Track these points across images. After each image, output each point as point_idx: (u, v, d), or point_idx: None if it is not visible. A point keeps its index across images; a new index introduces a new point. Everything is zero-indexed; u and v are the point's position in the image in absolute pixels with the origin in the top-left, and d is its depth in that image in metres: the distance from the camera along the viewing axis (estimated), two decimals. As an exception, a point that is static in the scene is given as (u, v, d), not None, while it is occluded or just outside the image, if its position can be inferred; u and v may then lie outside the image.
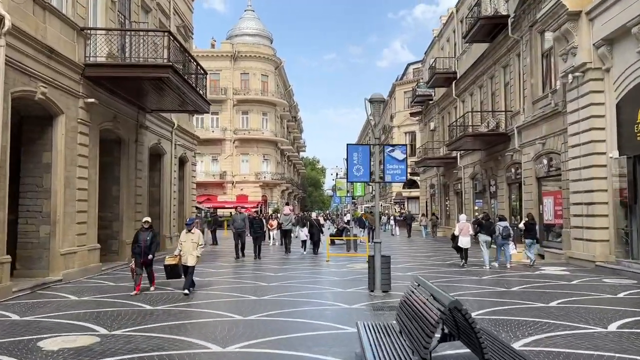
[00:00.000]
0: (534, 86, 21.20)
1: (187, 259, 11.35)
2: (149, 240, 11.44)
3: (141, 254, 11.36)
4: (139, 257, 11.36)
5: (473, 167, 29.28)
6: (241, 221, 18.21)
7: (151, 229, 11.74)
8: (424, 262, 18.45)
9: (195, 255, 11.39)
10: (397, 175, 11.66)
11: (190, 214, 24.71)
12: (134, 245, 11.52)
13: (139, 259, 11.37)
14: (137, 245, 11.44)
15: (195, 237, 11.50)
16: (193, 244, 11.41)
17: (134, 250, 11.52)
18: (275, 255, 21.39)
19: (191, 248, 11.38)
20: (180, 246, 11.57)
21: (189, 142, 24.57)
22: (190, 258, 11.34)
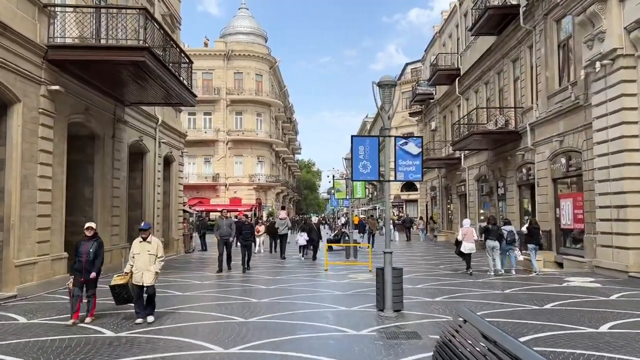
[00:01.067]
0: (549, 79, 19.39)
1: (143, 276, 8.73)
2: (93, 253, 8.78)
3: (82, 270, 8.72)
4: (79, 275, 8.74)
5: (479, 168, 27.45)
6: (227, 227, 15.56)
7: (96, 238, 9.04)
8: (432, 270, 16.56)
9: (153, 272, 8.78)
10: (410, 173, 9.78)
11: (177, 217, 22.77)
12: (74, 260, 8.96)
13: (78, 277, 8.74)
14: (77, 260, 8.80)
15: (153, 247, 8.87)
16: (150, 257, 8.77)
17: (73, 266, 8.97)
18: (266, 263, 19.44)
19: (147, 262, 8.76)
20: (132, 260, 8.89)
21: (175, 140, 22.62)
22: (147, 275, 8.73)
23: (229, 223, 15.87)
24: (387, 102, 9.72)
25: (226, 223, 15.79)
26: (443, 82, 32.77)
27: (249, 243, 16.03)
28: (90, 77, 13.80)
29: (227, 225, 15.68)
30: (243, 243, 15.85)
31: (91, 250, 8.80)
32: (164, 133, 20.96)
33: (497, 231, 15.43)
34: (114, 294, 8.87)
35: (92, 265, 8.76)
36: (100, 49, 12.31)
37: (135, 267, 8.80)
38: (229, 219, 16.34)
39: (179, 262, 19.92)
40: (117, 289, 8.81)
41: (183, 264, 19.27)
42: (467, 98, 30.06)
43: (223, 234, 15.66)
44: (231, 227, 15.76)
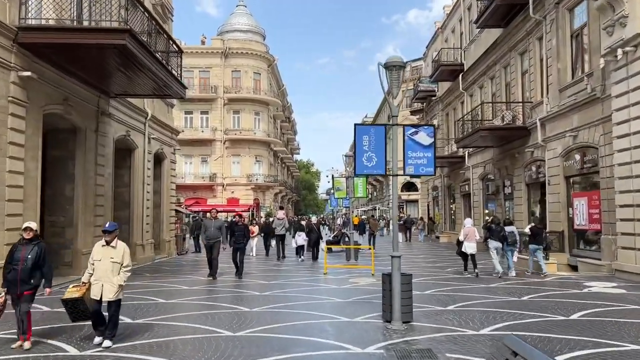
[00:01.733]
0: (561, 71, 18.21)
1: (103, 289, 7.02)
2: (31, 260, 6.90)
3: (16, 281, 6.86)
4: (14, 287, 6.89)
5: (484, 166, 26.27)
6: (215, 230, 13.67)
7: (37, 241, 7.13)
8: (438, 274, 15.35)
9: (116, 285, 7.09)
10: (421, 166, 8.58)
11: (169, 218, 21.55)
12: (7, 267, 7.03)
13: (13, 290, 6.90)
14: (11, 268, 6.91)
15: (118, 253, 7.20)
16: (113, 265, 7.11)
17: (6, 275, 7.04)
18: (260, 266, 18.23)
19: (109, 271, 7.06)
20: (92, 267, 7.20)
21: (167, 136, 21.41)
22: (108, 289, 7.03)
23: (218, 225, 13.90)
24: (395, 87, 8.53)
25: (215, 225, 13.84)
26: (446, 79, 31.60)
27: (241, 246, 13.98)
28: (69, 63, 12.60)
29: (216, 228, 13.76)
30: (235, 246, 13.97)
31: (29, 257, 6.90)
32: (154, 128, 19.75)
33: (499, 232, 14.76)
34: (67, 310, 7.33)
35: (29, 275, 6.94)
36: (75, 30, 11.12)
37: (95, 277, 7.10)
38: (218, 220, 14.28)
39: (169, 264, 18.71)
40: (71, 303, 7.19)
41: (173, 266, 18.07)
42: (471, 94, 28.89)
43: (210, 237, 13.73)
44: (220, 230, 13.86)
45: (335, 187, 20.04)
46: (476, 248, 15.07)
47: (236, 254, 14.08)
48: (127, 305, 10.02)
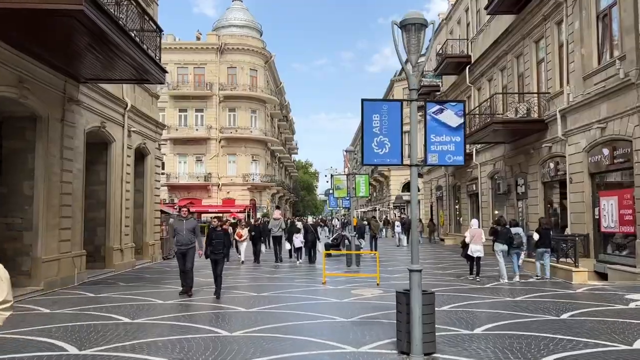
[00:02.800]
0: (585, 57, 16.27)
1: None
2: None
3: None
4: None
5: (493, 164, 24.32)
6: (188, 233, 11.10)
7: None
8: (453, 283, 13.39)
9: None
10: (448, 154, 6.63)
11: (153, 219, 19.55)
12: None
13: None
14: None
15: None
16: None
17: None
18: (249, 274, 16.27)
19: None
20: None
21: (150, 130, 19.41)
22: None
23: (191, 226, 11.24)
24: (414, 52, 6.56)
25: (187, 226, 11.20)
26: (451, 72, 29.66)
27: (219, 257, 11.14)
28: (25, 39, 10.61)
29: (188, 230, 11.18)
30: (212, 257, 11.10)
31: None
32: (136, 121, 17.75)
33: (506, 234, 13.89)
34: None
35: None
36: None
37: None
38: (190, 221, 11.48)
39: (151, 271, 16.71)
40: None
41: (154, 273, 16.06)
42: (478, 88, 26.94)
43: (181, 242, 11.18)
44: (194, 232, 11.21)
45: (334, 185, 18.09)
46: (483, 251, 14.10)
47: (215, 267, 11.28)
48: (81, 327, 8.05)
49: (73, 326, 8.26)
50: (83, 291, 12.22)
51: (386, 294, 11.52)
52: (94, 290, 12.28)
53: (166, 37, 50.24)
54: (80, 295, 11.60)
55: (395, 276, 15.04)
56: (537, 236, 14.08)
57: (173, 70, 48.10)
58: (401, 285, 12.75)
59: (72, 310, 9.84)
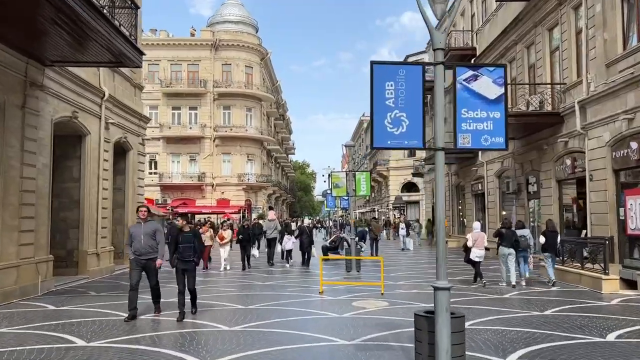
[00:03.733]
0: (608, 42, 14.70)
1: None
2: None
3: None
4: None
5: (501, 161, 22.73)
6: (147, 238, 8.71)
7: None
8: (468, 293, 11.79)
9: None
10: (484, 135, 5.03)
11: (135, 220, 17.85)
12: None
13: None
14: None
15: None
16: None
17: None
18: (235, 282, 14.65)
19: None
20: None
21: (133, 123, 17.73)
22: None
23: (151, 230, 8.81)
24: (440, 1, 4.96)
25: (145, 231, 8.73)
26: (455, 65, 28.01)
27: (189, 265, 8.77)
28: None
29: (148, 235, 8.72)
30: (180, 266, 8.79)
31: None
32: (115, 112, 16.09)
33: (511, 237, 13.06)
34: None
35: None
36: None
37: None
38: (150, 223, 9.00)
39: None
40: None
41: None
42: (484, 82, 25.34)
43: (139, 250, 8.71)
44: (154, 237, 8.81)
45: (333, 183, 16.44)
46: (484, 256, 13.38)
47: (182, 278, 8.85)
48: (20, 354, 6.40)
49: (11, 352, 6.62)
50: (45, 303, 10.56)
51: (393, 307, 9.91)
52: (58, 302, 10.64)
53: (159, 33, 48.71)
54: (39, 309, 9.94)
55: (400, 284, 13.43)
56: (544, 239, 13.18)
57: (166, 67, 46.49)
58: (408, 295, 11.21)
59: (21, 328, 8.18)
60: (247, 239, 16.47)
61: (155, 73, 46.59)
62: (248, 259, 16.66)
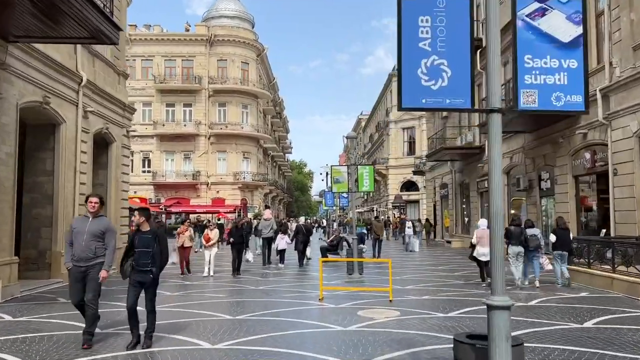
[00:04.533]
0: (635, 23, 13.32)
1: None
2: None
3: None
4: None
5: (510, 157, 21.30)
6: (91, 240, 6.55)
7: None
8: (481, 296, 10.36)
9: None
10: (556, 91, 3.56)
11: (119, 219, 16.37)
12: None
13: None
14: None
15: None
16: None
17: None
18: (223, 288, 13.19)
19: None
20: None
21: (116, 113, 16.21)
22: None
23: (100, 229, 6.61)
24: None
25: (90, 229, 6.57)
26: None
27: (145, 277, 6.51)
28: None
29: (94, 235, 6.55)
30: (135, 277, 6.53)
31: None
32: (95, 100, 14.59)
33: (520, 234, 12.33)
34: None
35: None
36: None
37: None
38: (98, 220, 6.72)
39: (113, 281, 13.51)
40: None
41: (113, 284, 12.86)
42: (491, 74, 23.94)
43: (78, 254, 6.51)
44: (102, 238, 6.60)
45: (333, 178, 14.93)
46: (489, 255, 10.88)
47: (136, 293, 6.58)
48: None
49: None
50: (3, 312, 9.07)
51: (405, 318, 8.46)
52: (18, 311, 9.15)
53: (153, 28, 47.18)
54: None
55: (408, 289, 11.97)
56: (554, 237, 12.31)
57: (160, 62, 45.02)
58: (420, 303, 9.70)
59: (-41, 346, 6.69)
60: (241, 241, 14.65)
61: (149, 69, 45.14)
62: (239, 263, 14.58)
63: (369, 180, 14.65)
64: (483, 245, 12.20)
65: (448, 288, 12.05)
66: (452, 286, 12.41)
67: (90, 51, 14.34)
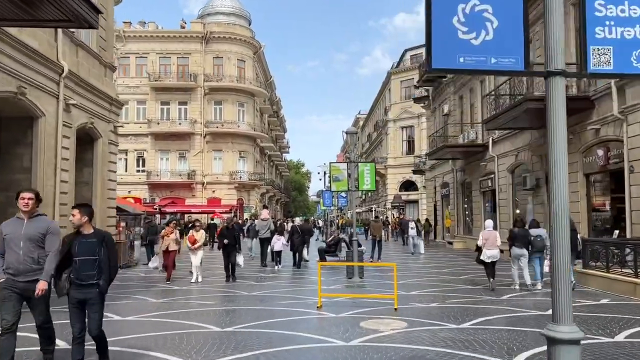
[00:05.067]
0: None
1: None
2: None
3: None
4: None
5: (515, 155, 20.39)
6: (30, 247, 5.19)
7: None
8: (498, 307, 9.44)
9: None
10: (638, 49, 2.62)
11: (105, 219, 15.42)
12: None
13: None
14: None
15: None
16: None
17: None
18: (211, 294, 12.26)
19: None
20: None
21: (102, 107, 15.24)
22: None
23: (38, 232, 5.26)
24: None
25: (27, 232, 5.22)
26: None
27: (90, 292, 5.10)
28: None
29: (32, 240, 5.23)
30: (76, 295, 5.11)
31: None
32: (78, 93, 13.62)
33: (524, 236, 11.97)
34: None
35: None
36: None
37: None
38: (37, 220, 5.33)
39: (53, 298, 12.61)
40: None
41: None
42: (494, 69, 23.03)
43: (13, 264, 5.16)
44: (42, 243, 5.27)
45: (332, 176, 14.00)
46: (498, 256, 11.89)
47: (79, 315, 5.18)
48: None
49: None
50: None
51: (414, 330, 7.54)
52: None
53: (148, 25, 46.19)
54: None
55: (413, 294, 11.06)
56: None
57: (155, 60, 44.02)
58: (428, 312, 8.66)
59: None
60: (233, 244, 13.38)
61: (144, 66, 44.13)
62: (233, 268, 13.38)
63: (370, 179, 13.72)
64: (490, 247, 11.75)
65: (456, 294, 11.14)
66: (460, 292, 11.51)
67: (73, 40, 13.40)
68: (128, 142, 43.71)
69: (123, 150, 44.92)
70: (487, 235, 11.97)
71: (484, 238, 11.96)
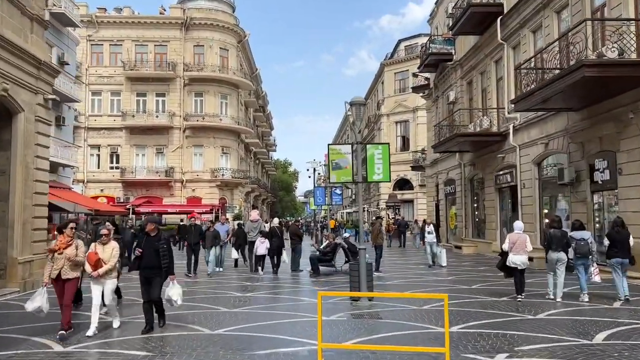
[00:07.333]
0: None
1: None
2: None
3: None
4: None
5: (545, 143, 16.82)
6: None
7: None
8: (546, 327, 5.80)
9: None
10: None
11: (31, 220, 11.45)
12: None
13: None
14: None
15: None
16: None
17: None
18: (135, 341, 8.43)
19: None
20: None
21: (24, 71, 11.27)
22: None
23: None
24: None
25: None
26: (470, 31, 22.22)
27: None
28: None
29: None
30: None
31: None
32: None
33: (561, 239, 10.23)
34: None
35: None
36: None
37: None
38: None
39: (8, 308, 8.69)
40: None
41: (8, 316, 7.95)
42: (514, 46, 19.53)
43: None
44: None
45: (331, 163, 10.19)
46: (527, 262, 10.33)
47: None
48: None
49: None
50: None
51: None
52: None
53: (123, 11, 42.09)
54: None
55: (457, 331, 7.34)
56: (608, 242, 10.05)
57: (130, 48, 39.98)
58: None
59: None
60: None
61: (118, 55, 40.06)
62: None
63: (383, 166, 9.97)
64: (518, 252, 10.20)
65: (512, 324, 7.47)
66: (518, 323, 7.82)
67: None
68: (101, 137, 39.64)
69: (95, 145, 40.87)
70: (515, 238, 10.30)
71: (512, 241, 10.30)
